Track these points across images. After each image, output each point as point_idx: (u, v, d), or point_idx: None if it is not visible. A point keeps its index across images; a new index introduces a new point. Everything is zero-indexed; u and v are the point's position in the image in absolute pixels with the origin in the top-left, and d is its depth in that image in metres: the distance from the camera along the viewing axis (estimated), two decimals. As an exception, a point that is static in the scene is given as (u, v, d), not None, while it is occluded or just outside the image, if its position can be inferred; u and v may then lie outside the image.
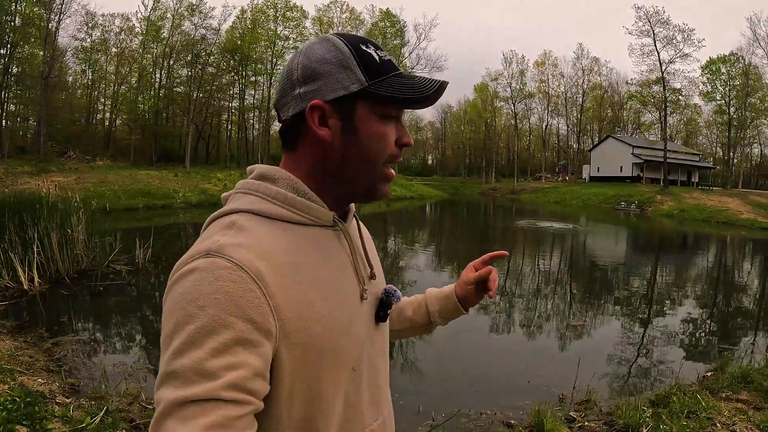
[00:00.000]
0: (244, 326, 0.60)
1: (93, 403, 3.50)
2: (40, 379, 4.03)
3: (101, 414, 3.20)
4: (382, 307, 0.86)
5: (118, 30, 41.97)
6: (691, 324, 7.39)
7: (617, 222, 28.42)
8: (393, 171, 0.81)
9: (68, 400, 3.60)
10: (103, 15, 42.15)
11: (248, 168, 0.81)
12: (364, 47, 0.75)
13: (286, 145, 0.79)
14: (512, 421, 3.80)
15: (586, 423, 3.75)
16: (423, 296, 1.12)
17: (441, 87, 0.75)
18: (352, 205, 0.86)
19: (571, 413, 3.93)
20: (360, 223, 0.90)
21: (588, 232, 22.12)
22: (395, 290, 0.88)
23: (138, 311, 7.03)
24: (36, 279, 7.15)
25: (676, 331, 6.92)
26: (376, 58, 0.75)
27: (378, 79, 0.74)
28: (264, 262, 0.65)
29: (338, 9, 49.86)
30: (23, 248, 7.32)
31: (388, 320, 0.90)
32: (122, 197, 21.54)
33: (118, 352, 5.33)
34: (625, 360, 5.68)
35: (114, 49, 42.13)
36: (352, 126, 0.74)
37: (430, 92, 0.74)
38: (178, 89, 42.19)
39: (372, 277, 0.85)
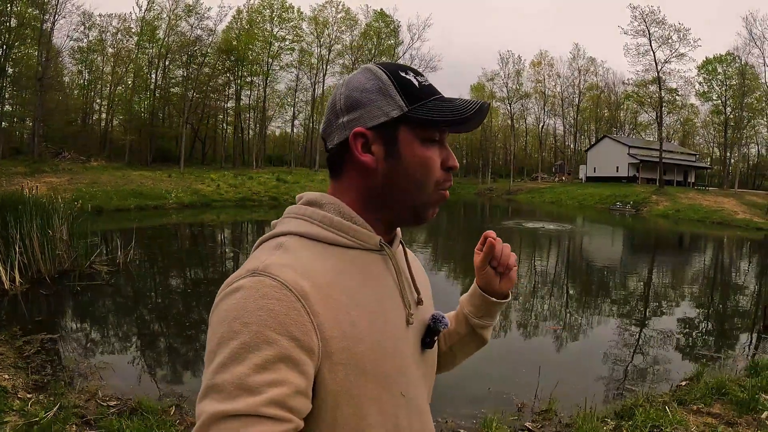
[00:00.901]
0: (288, 344, 0.61)
1: (51, 399, 3.57)
2: (6, 375, 4.12)
3: (55, 409, 3.27)
4: (429, 334, 0.84)
5: (114, 30, 42.18)
6: (674, 328, 7.13)
7: (611, 222, 28.44)
8: (447, 193, 0.81)
9: (29, 396, 3.67)
10: (100, 15, 42.30)
11: (297, 196, 0.83)
12: (403, 74, 0.76)
13: (333, 173, 0.81)
14: (461, 431, 3.69)
15: (540, 435, 3.57)
16: (459, 305, 1.06)
17: (482, 108, 0.75)
18: (399, 231, 0.86)
19: (527, 424, 3.80)
20: (407, 249, 0.89)
21: (580, 232, 22.04)
22: (443, 316, 0.86)
23: (112, 311, 7.11)
24: (17, 279, 7.21)
25: (657, 335, 6.68)
26: (416, 83, 0.76)
27: (418, 103, 0.74)
28: (309, 282, 0.66)
29: (333, 9, 49.95)
30: (6, 248, 7.41)
31: (435, 347, 0.88)
32: (114, 198, 21.53)
33: (85, 350, 5.39)
34: (598, 367, 5.44)
35: (110, 50, 42.31)
36: (396, 151, 0.75)
37: (470, 113, 0.74)
38: (174, 90, 42.29)
39: (419, 302, 0.84)
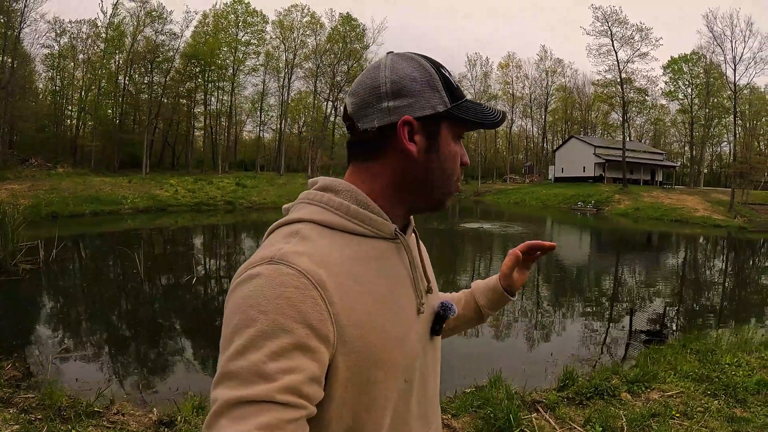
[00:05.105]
0: (304, 332, 0.61)
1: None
2: None
3: None
4: (438, 321, 0.87)
5: (85, 36, 42.25)
6: (534, 332, 6.93)
7: (566, 221, 28.77)
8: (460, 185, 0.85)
9: None
10: (70, 22, 42.28)
11: (310, 180, 0.83)
12: (443, 71, 0.79)
13: (361, 156, 0.80)
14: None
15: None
16: (470, 291, 1.13)
17: (503, 117, 0.81)
18: (412, 218, 0.89)
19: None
20: (418, 236, 0.90)
21: (519, 233, 21.21)
22: (452, 304, 0.89)
23: (13, 298, 7.97)
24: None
25: (506, 337, 6.63)
26: (453, 82, 0.79)
27: (457, 102, 0.78)
28: (325, 271, 0.66)
29: (299, 13, 49.95)
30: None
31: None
32: (71, 204, 21.75)
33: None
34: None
35: (81, 56, 42.40)
36: (435, 144, 0.77)
37: (497, 119, 0.80)
38: (141, 95, 42.39)
39: (429, 290, 0.86)
